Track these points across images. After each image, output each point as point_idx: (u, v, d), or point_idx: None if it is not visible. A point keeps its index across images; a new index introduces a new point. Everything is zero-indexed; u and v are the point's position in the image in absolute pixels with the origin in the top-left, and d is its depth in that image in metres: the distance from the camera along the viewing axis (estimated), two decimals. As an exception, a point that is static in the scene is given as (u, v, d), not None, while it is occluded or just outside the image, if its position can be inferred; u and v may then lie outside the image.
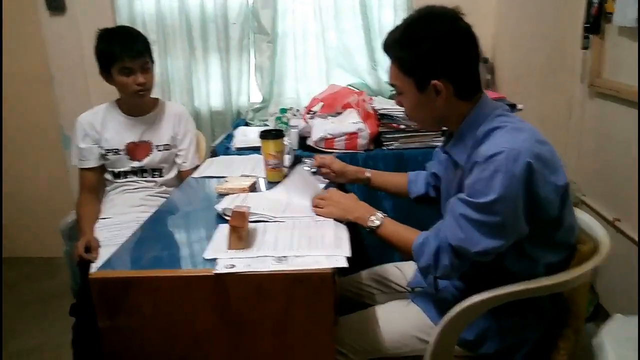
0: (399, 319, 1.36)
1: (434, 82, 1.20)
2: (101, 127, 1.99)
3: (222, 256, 1.19)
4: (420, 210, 1.62)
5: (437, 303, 1.35)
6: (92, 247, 1.74)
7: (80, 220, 1.91)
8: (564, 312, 1.29)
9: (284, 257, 1.18)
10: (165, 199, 1.85)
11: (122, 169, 2.02)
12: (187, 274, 1.14)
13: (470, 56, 1.23)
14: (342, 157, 2.08)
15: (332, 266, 1.13)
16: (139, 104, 1.99)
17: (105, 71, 1.90)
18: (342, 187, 2.06)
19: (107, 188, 2.07)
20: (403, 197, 1.70)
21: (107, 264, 1.21)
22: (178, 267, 1.18)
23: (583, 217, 1.37)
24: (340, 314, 1.43)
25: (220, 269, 1.13)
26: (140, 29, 2.65)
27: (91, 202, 1.99)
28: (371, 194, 1.89)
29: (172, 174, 2.09)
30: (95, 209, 1.97)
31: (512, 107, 2.08)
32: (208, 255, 1.20)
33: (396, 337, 1.33)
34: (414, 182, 1.64)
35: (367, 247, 2.02)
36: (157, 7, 2.65)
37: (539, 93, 2.57)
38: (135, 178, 2.03)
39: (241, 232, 1.22)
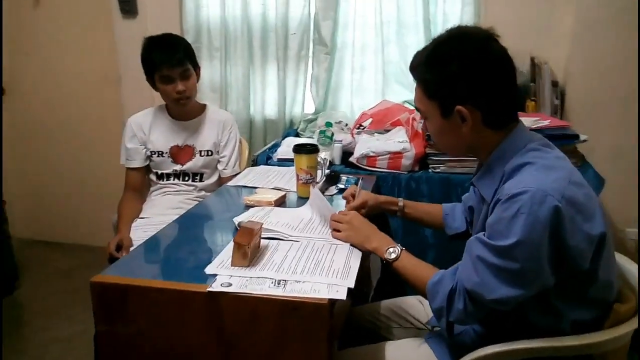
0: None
1: (459, 107, 1.10)
2: (149, 129, 2.04)
3: (222, 273, 1.16)
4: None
5: (453, 347, 1.24)
6: (123, 246, 1.78)
7: (118, 218, 1.97)
8: (593, 378, 1.14)
9: (284, 280, 1.13)
10: (198, 204, 1.86)
11: (164, 171, 2.06)
12: (182, 287, 1.11)
13: (503, 81, 1.12)
14: (383, 177, 2.03)
15: (330, 297, 1.07)
16: (182, 110, 2.01)
17: (150, 77, 1.95)
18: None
19: (151, 189, 2.12)
20: (438, 229, 1.59)
21: (113, 268, 1.21)
22: (178, 279, 1.16)
23: (629, 267, 1.21)
24: (355, 344, 1.36)
25: (216, 286, 1.10)
26: (204, 35, 2.75)
27: (133, 201, 2.04)
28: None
29: (213, 179, 2.10)
30: (135, 208, 2.02)
31: (574, 137, 1.90)
32: (209, 270, 1.17)
33: (402, 379, 1.23)
34: (451, 216, 1.52)
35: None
36: (221, 14, 2.70)
37: (613, 125, 2.34)
38: (176, 181, 2.07)
39: (245, 250, 1.19)
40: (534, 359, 1.08)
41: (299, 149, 1.69)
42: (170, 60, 1.90)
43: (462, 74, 1.09)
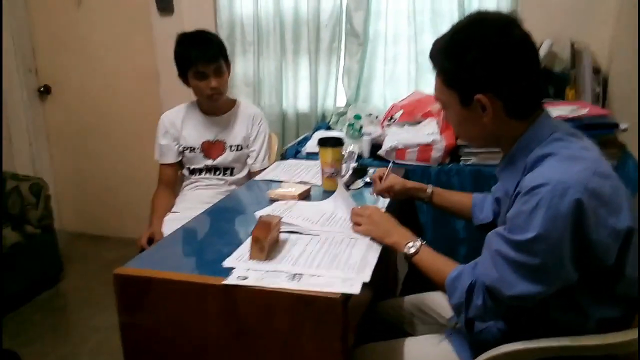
0: (428, 356, 1.23)
1: (478, 96, 1.06)
2: (181, 125, 2.09)
3: (240, 266, 1.17)
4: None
5: (475, 344, 1.20)
6: (154, 240, 1.82)
7: (152, 212, 2.03)
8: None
9: (300, 274, 1.13)
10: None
11: (196, 166, 2.10)
12: (199, 280, 1.13)
13: (525, 68, 1.07)
14: (412, 170, 1.99)
15: (344, 291, 1.06)
16: (213, 105, 2.04)
17: (182, 74, 1.98)
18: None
19: (183, 183, 2.17)
20: (467, 219, 1.55)
21: (135, 261, 1.25)
22: (197, 272, 1.19)
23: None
24: (379, 339, 1.35)
25: (232, 279, 1.11)
26: (238, 30, 2.78)
27: (166, 196, 2.09)
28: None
29: (243, 173, 2.13)
30: (167, 203, 2.07)
31: (614, 126, 1.81)
32: (227, 263, 1.19)
33: (422, 375, 1.21)
34: (479, 206, 1.48)
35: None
36: (254, 9, 2.72)
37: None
38: (207, 175, 2.10)
39: (263, 243, 1.19)
40: (558, 358, 1.04)
41: (323, 142, 1.69)
42: (205, 57, 1.92)
43: (481, 61, 1.05)
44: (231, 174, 2.11)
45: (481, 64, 1.05)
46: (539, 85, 1.12)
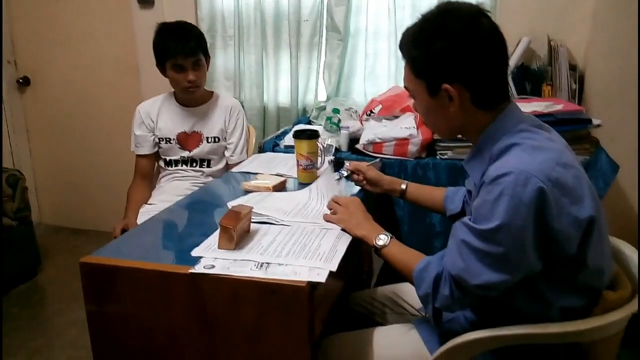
0: (396, 346, 1.24)
1: (446, 86, 1.07)
2: (157, 116, 2.07)
3: (208, 255, 1.17)
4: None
5: (442, 334, 1.21)
6: (128, 231, 1.81)
7: (127, 203, 2.02)
8: (582, 368, 1.09)
9: (267, 263, 1.13)
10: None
11: (172, 158, 2.09)
12: (166, 269, 1.12)
13: (492, 59, 1.08)
14: (389, 164, 2.00)
15: (310, 280, 1.06)
16: (190, 97, 2.03)
17: (160, 64, 1.97)
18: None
19: (160, 175, 2.15)
20: (442, 213, 1.56)
21: (103, 250, 1.24)
22: (165, 262, 1.18)
23: (633, 257, 1.16)
24: (350, 329, 1.35)
25: (199, 268, 1.11)
26: (219, 23, 2.76)
27: (141, 187, 2.08)
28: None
29: (220, 165, 2.12)
30: (143, 195, 2.05)
31: (587, 122, 1.83)
32: (195, 252, 1.18)
33: (388, 364, 1.22)
34: (451, 198, 1.49)
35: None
36: (235, 2, 2.70)
37: (634, 111, 2.22)
38: (184, 167, 2.09)
39: (231, 232, 1.19)
40: (522, 346, 1.05)
41: (298, 134, 1.68)
42: (184, 50, 1.91)
43: (448, 51, 1.05)
44: (208, 166, 2.10)
45: (448, 54, 1.06)
46: (505, 77, 1.13)
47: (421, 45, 1.09)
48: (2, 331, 2.13)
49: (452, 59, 1.06)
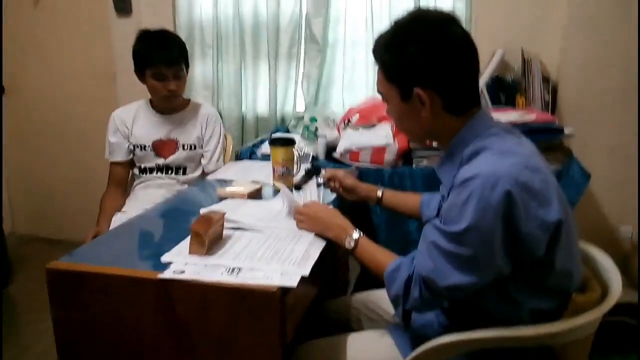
0: (370, 351, 1.23)
1: (417, 90, 1.08)
2: (132, 122, 2.05)
3: (178, 260, 1.15)
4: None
5: (416, 339, 1.20)
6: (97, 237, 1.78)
7: (100, 211, 1.99)
8: (554, 372, 1.10)
9: (239, 268, 1.12)
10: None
11: (147, 165, 2.07)
12: (134, 274, 1.10)
13: (463, 66, 1.10)
14: (366, 172, 2.00)
15: (281, 284, 1.05)
16: (167, 105, 2.02)
17: (139, 71, 1.95)
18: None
19: (135, 182, 2.12)
20: (418, 219, 1.56)
21: (70, 255, 1.21)
22: (134, 267, 1.15)
23: (603, 262, 1.18)
24: (325, 336, 1.34)
25: (168, 273, 1.09)
26: (197, 32, 2.76)
27: (115, 195, 2.05)
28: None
29: (196, 173, 2.10)
30: (116, 202, 2.02)
31: (559, 131, 1.86)
32: (165, 258, 1.16)
33: (362, 370, 1.21)
34: (427, 204, 1.50)
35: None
36: (214, 12, 2.71)
37: (607, 121, 2.28)
38: (159, 175, 2.07)
39: (203, 237, 1.17)
40: (495, 350, 1.05)
41: (274, 141, 1.68)
42: (166, 60, 1.90)
43: (419, 57, 1.07)
44: (183, 173, 2.08)
45: (420, 59, 1.07)
46: (476, 83, 1.15)
47: (393, 50, 1.10)
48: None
49: (423, 64, 1.07)
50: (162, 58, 1.89)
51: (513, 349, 1.06)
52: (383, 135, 2.04)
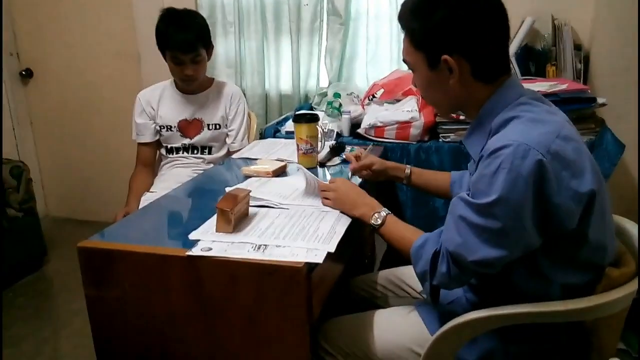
0: (397, 328, 1.23)
1: (445, 57, 1.04)
2: (157, 103, 2.06)
3: (205, 238, 1.16)
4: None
5: (444, 315, 1.19)
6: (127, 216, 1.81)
7: (129, 191, 2.02)
8: (585, 347, 1.07)
9: (265, 245, 1.12)
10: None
11: (174, 145, 2.08)
12: (163, 252, 1.12)
13: (493, 30, 1.05)
14: (391, 148, 1.98)
15: (308, 260, 1.06)
16: (187, 88, 2.02)
17: (161, 50, 1.95)
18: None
19: (162, 163, 2.15)
20: (446, 198, 1.53)
21: (100, 234, 1.23)
22: (163, 245, 1.17)
23: (636, 233, 1.14)
24: (351, 313, 1.34)
25: (196, 251, 1.10)
26: (219, 10, 2.74)
27: (143, 175, 2.08)
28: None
29: (222, 152, 2.11)
30: (145, 182, 2.05)
31: (592, 101, 1.80)
32: (193, 235, 1.18)
33: (390, 346, 1.20)
34: (458, 183, 1.46)
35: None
36: (235, -12, 2.68)
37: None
38: (185, 154, 2.08)
39: (229, 215, 1.18)
40: (524, 326, 1.03)
41: (298, 118, 1.67)
42: (182, 46, 1.88)
43: (448, 21, 1.03)
44: (209, 153, 2.09)
45: (448, 24, 1.03)
46: (506, 49, 1.10)
47: (420, 15, 1.06)
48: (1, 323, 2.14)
49: (452, 29, 1.03)
50: (178, 44, 1.88)
51: (543, 324, 1.04)
52: (408, 109, 2.01)
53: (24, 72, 3.28)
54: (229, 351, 1.13)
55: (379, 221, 1.20)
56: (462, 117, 1.93)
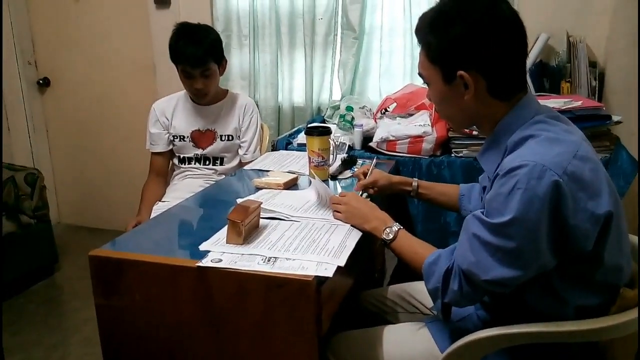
0: (406, 344, 1.22)
1: (461, 73, 1.03)
2: (172, 113, 2.08)
3: (215, 249, 1.16)
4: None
5: (454, 332, 1.18)
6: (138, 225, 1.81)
7: (141, 200, 2.03)
8: (599, 368, 1.06)
9: (275, 258, 1.12)
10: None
11: (186, 155, 2.10)
12: (173, 262, 1.12)
13: (511, 47, 1.04)
14: (403, 162, 1.97)
15: (317, 274, 1.05)
16: (198, 101, 2.05)
17: (174, 64, 1.97)
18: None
19: (174, 173, 2.16)
20: (454, 211, 1.52)
21: (112, 243, 1.24)
22: (173, 255, 1.17)
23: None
24: (361, 328, 1.33)
25: (206, 262, 1.10)
26: (234, 23, 2.77)
27: (156, 184, 2.09)
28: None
29: (234, 163, 2.12)
30: (157, 192, 2.07)
31: (607, 118, 1.78)
32: (204, 246, 1.18)
33: (399, 362, 1.19)
34: (467, 196, 1.45)
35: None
36: (250, 2, 2.71)
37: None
38: (197, 165, 2.10)
39: (240, 227, 1.18)
40: (536, 346, 1.02)
41: (310, 130, 1.67)
42: (191, 61, 1.90)
43: (466, 36, 1.02)
44: (221, 164, 2.10)
45: (466, 40, 1.02)
46: (524, 66, 1.09)
47: (438, 30, 1.06)
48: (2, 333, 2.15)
49: (470, 45, 1.02)
50: (187, 58, 1.90)
51: (556, 344, 1.02)
52: (421, 124, 2.01)
53: (41, 81, 3.34)
54: (237, 363, 1.13)
55: (391, 236, 1.20)
56: (475, 133, 1.93)
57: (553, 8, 2.33)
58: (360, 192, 1.50)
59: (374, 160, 1.61)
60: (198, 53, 1.89)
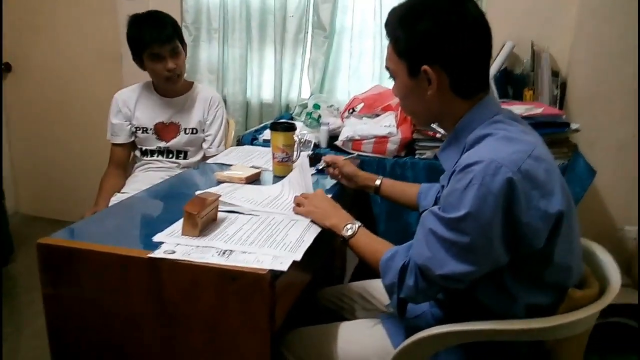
0: (361, 340, 1.22)
1: (425, 67, 1.05)
2: (134, 105, 2.04)
3: (170, 241, 1.14)
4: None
5: (408, 329, 1.18)
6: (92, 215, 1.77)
7: (99, 191, 1.99)
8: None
9: (230, 251, 1.10)
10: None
11: (149, 148, 2.06)
12: (124, 253, 1.09)
13: (475, 46, 1.06)
14: (368, 161, 1.98)
15: (272, 268, 1.04)
16: (171, 88, 2.00)
17: (137, 57, 1.93)
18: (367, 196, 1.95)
19: (136, 165, 2.11)
20: (415, 209, 1.54)
21: (62, 232, 1.20)
22: (125, 246, 1.14)
23: (603, 258, 1.15)
24: (317, 324, 1.33)
25: (158, 253, 1.08)
26: (204, 16, 2.73)
27: (115, 176, 2.05)
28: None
29: (197, 157, 2.09)
30: (116, 184, 2.02)
31: (565, 125, 1.83)
32: (158, 238, 1.15)
33: (353, 358, 1.19)
34: (424, 194, 1.47)
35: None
36: (221, -5, 2.68)
37: (616, 117, 2.23)
38: (160, 158, 2.06)
39: (195, 219, 1.16)
40: (486, 343, 1.03)
41: (275, 126, 1.66)
42: (159, 38, 1.87)
43: (432, 32, 1.04)
44: (184, 157, 2.07)
45: (432, 35, 1.04)
46: (487, 66, 1.11)
47: (406, 24, 1.07)
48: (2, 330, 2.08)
49: (436, 40, 1.04)
50: (155, 37, 1.86)
51: (505, 343, 1.04)
52: (386, 125, 2.02)
53: (2, 66, 3.22)
54: (188, 357, 1.11)
55: (350, 232, 1.20)
56: (438, 135, 1.95)
57: (519, 17, 2.38)
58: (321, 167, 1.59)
59: (355, 155, 1.62)
60: (165, 31, 1.88)
